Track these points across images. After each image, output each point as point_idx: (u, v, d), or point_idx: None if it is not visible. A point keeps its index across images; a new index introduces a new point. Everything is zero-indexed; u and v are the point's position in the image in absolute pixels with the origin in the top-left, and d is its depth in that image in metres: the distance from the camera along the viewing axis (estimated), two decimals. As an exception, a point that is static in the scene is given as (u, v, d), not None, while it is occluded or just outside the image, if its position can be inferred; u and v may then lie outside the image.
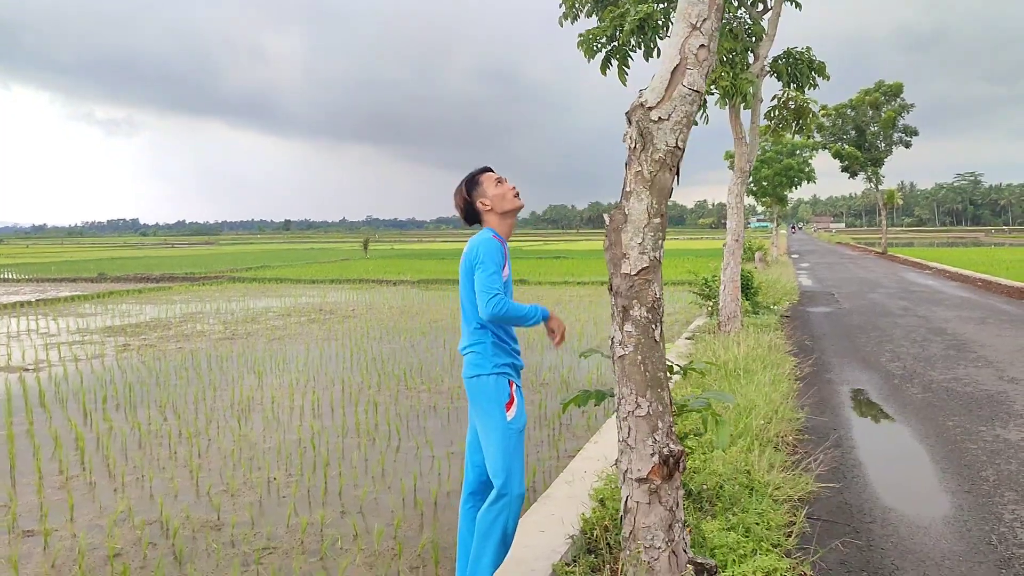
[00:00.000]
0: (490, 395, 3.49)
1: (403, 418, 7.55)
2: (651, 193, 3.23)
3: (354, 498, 5.38)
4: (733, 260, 11.27)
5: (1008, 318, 14.10)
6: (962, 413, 7.01)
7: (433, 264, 37.25)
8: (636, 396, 3.30)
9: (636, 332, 3.28)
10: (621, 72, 11.19)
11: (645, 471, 3.29)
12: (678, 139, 3.21)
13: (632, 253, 3.26)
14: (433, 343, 12.38)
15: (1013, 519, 4.50)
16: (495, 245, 3.46)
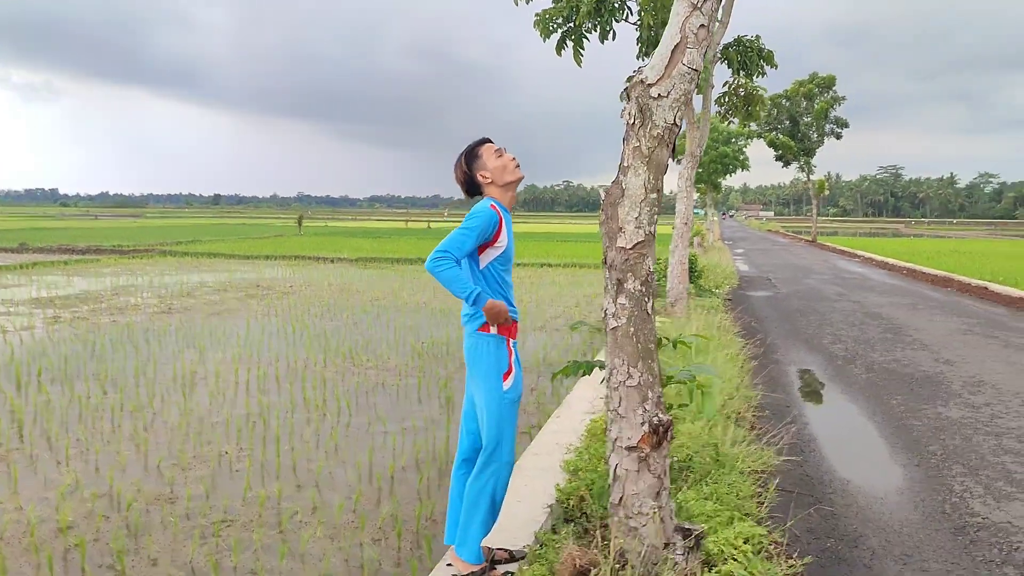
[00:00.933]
0: (490, 362, 3.53)
1: (352, 394, 7.50)
2: (648, 169, 3.30)
3: (309, 472, 5.35)
4: (681, 243, 11.49)
5: (936, 304, 14.73)
6: (904, 392, 7.33)
7: (370, 243, 36.88)
8: (628, 367, 3.38)
9: (630, 304, 3.36)
10: (576, 53, 11.25)
11: (635, 439, 3.38)
12: (676, 116, 3.28)
13: (628, 227, 3.32)
14: (376, 321, 12.26)
15: (963, 490, 4.75)
16: (487, 213, 3.50)
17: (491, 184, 3.65)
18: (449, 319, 12.62)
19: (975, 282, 18.42)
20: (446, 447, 5.88)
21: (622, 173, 3.36)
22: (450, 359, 9.36)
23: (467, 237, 3.45)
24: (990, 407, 6.77)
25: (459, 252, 3.43)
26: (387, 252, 29.16)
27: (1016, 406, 6.80)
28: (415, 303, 14.69)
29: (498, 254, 3.59)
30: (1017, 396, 7.16)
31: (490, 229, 3.51)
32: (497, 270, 3.62)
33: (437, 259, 3.39)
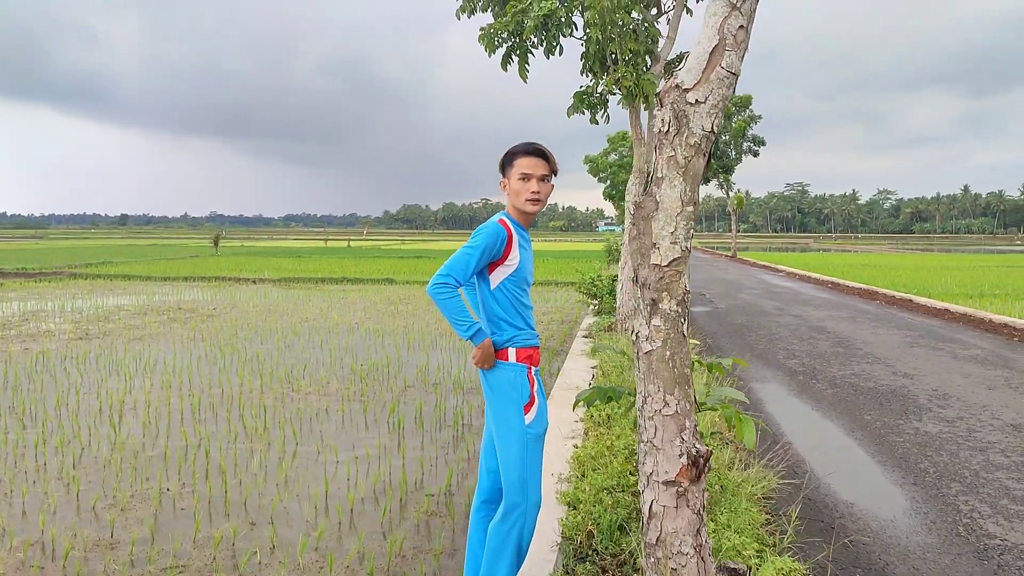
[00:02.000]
0: (507, 393, 3.22)
1: (296, 421, 7.12)
2: (684, 179, 3.05)
3: (262, 508, 4.97)
4: (631, 260, 11.33)
5: (873, 317, 15.01)
6: (875, 408, 7.28)
7: (291, 262, 36.15)
8: (664, 394, 3.11)
9: (665, 326, 3.10)
10: (522, 68, 11.06)
11: (673, 473, 3.11)
12: (714, 123, 3.04)
13: (663, 243, 3.07)
14: (310, 343, 11.80)
15: (970, 510, 4.64)
16: (494, 229, 3.22)
17: (508, 197, 3.38)
18: (385, 340, 12.24)
19: (899, 295, 18.92)
20: (403, 476, 5.57)
21: (655, 185, 3.10)
22: (393, 381, 8.99)
23: (471, 257, 3.16)
24: (964, 421, 6.77)
25: (462, 275, 3.14)
26: (310, 272, 28.57)
27: (988, 419, 6.81)
28: (347, 323, 14.26)
29: (510, 272, 3.28)
30: (985, 409, 7.19)
31: (497, 246, 3.21)
32: (511, 291, 3.31)
33: (438, 285, 3.11)
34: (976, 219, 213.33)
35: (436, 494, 5.21)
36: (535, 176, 3.31)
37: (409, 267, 32.43)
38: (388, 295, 20.19)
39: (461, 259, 3.14)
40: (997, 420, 6.77)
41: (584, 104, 11.13)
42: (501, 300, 3.29)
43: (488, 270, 3.26)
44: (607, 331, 11.58)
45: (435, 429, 6.93)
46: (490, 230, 3.21)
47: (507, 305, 3.28)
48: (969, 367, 9.34)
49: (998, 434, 6.32)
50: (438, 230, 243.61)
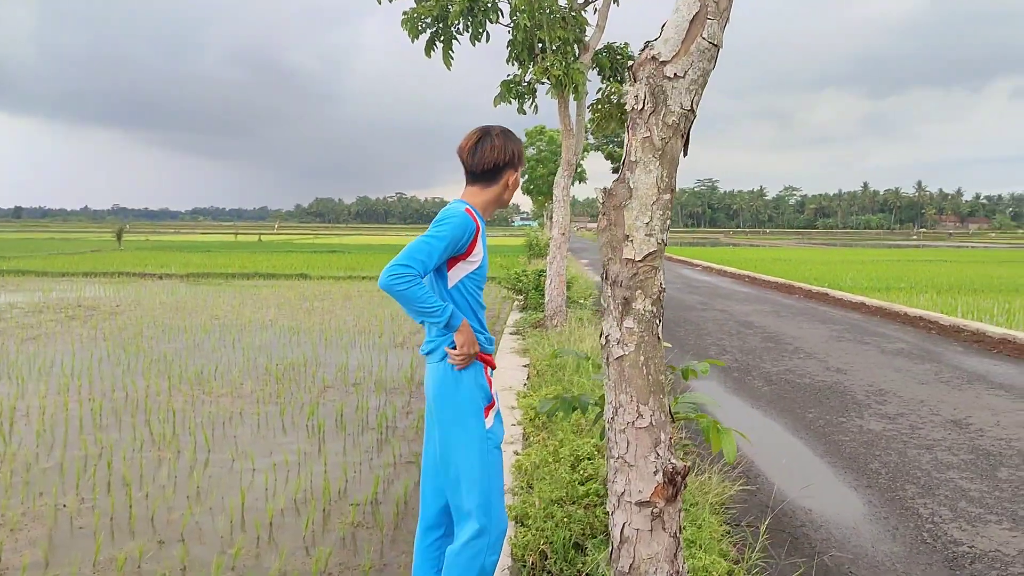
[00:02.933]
0: (465, 396, 2.84)
1: (207, 426, 6.66)
2: (662, 163, 2.72)
3: (171, 523, 4.54)
4: (560, 254, 11.08)
5: (796, 311, 15.13)
6: (815, 405, 7.16)
7: (199, 257, 34.81)
8: (637, 404, 2.77)
9: (639, 328, 2.76)
10: (446, 55, 10.67)
11: (647, 492, 2.78)
12: (693, 101, 2.72)
13: (637, 235, 2.73)
14: (221, 342, 11.20)
15: (930, 514, 4.47)
16: (462, 218, 2.83)
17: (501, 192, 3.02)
18: (301, 337, 11.72)
19: (816, 288, 19.23)
20: (325, 484, 5.19)
21: (628, 169, 2.75)
22: (311, 382, 8.55)
23: (434, 247, 2.74)
24: (905, 418, 6.68)
25: (424, 265, 2.71)
26: (219, 267, 27.47)
27: (928, 415, 6.76)
28: (260, 320, 13.64)
29: (471, 270, 2.91)
30: (923, 404, 7.14)
31: (464, 239, 2.82)
32: (470, 291, 2.94)
33: (396, 275, 2.65)
34: (875, 215, 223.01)
35: (362, 503, 4.89)
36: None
37: (323, 262, 31.65)
38: (302, 291, 19.53)
39: (423, 248, 2.71)
40: (937, 416, 6.71)
41: (512, 93, 10.79)
42: (458, 301, 2.90)
43: (446, 265, 2.86)
44: (536, 328, 11.27)
45: (358, 432, 6.58)
46: (459, 219, 2.81)
47: (464, 307, 2.90)
48: (898, 361, 9.38)
49: (941, 431, 6.25)
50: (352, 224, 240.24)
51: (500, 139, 2.97)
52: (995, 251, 56.59)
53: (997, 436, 6.08)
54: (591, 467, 4.74)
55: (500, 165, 2.96)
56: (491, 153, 2.94)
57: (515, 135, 3.03)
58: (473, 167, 2.97)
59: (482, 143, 2.95)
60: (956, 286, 20.47)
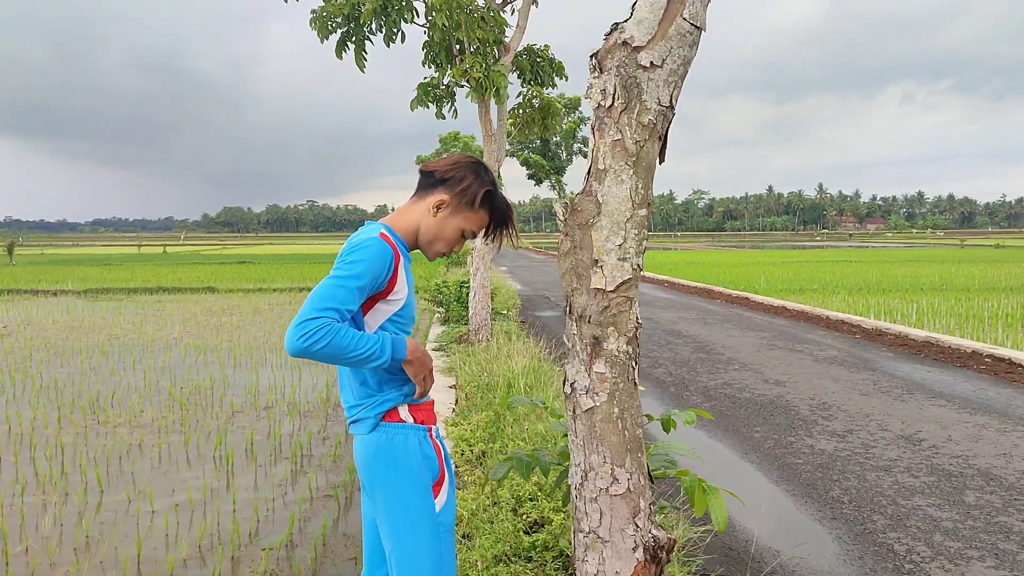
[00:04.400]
0: (408, 469, 2.27)
1: (101, 463, 6.06)
2: (636, 172, 2.22)
3: None
4: (483, 265, 10.54)
5: (721, 317, 14.92)
6: (760, 423, 6.79)
7: (99, 271, 33.16)
8: (611, 466, 2.27)
9: (612, 374, 2.26)
10: (359, 57, 10.06)
11: (627, 574, 2.27)
12: (672, 95, 2.23)
13: (608, 259, 2.22)
14: (120, 364, 10.38)
15: (907, 551, 4.09)
16: (377, 246, 2.21)
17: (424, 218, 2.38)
18: (208, 357, 10.99)
19: (736, 292, 19.21)
20: (234, 526, 4.70)
21: (596, 180, 2.25)
22: (218, 407, 7.92)
23: (349, 286, 2.12)
24: (855, 435, 6.35)
25: (339, 311, 2.09)
26: (121, 281, 26.14)
27: (877, 431, 6.45)
28: (164, 339, 12.80)
29: (396, 310, 2.31)
30: (870, 419, 6.85)
31: (383, 273, 2.21)
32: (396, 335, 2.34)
33: (308, 333, 2.01)
34: (779, 217, 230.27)
35: (275, 547, 4.40)
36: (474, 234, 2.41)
37: (232, 273, 30.50)
38: (209, 305, 18.58)
39: (334, 291, 2.09)
40: (887, 432, 6.41)
41: (429, 97, 10.22)
42: None
43: (361, 309, 2.27)
44: (460, 343, 10.71)
45: (270, 463, 6.07)
46: (373, 248, 2.19)
47: None
48: (835, 371, 9.15)
49: (895, 449, 5.94)
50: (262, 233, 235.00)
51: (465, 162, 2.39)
52: (893, 251, 58.71)
53: (953, 453, 5.81)
54: (535, 510, 4.23)
55: (437, 176, 2.37)
56: (445, 164, 2.38)
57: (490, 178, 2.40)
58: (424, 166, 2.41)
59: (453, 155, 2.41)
60: (864, 286, 20.82)
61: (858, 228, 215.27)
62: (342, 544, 4.47)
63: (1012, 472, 5.38)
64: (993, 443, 6.09)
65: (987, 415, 6.97)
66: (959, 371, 9.08)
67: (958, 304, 15.78)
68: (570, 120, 41.49)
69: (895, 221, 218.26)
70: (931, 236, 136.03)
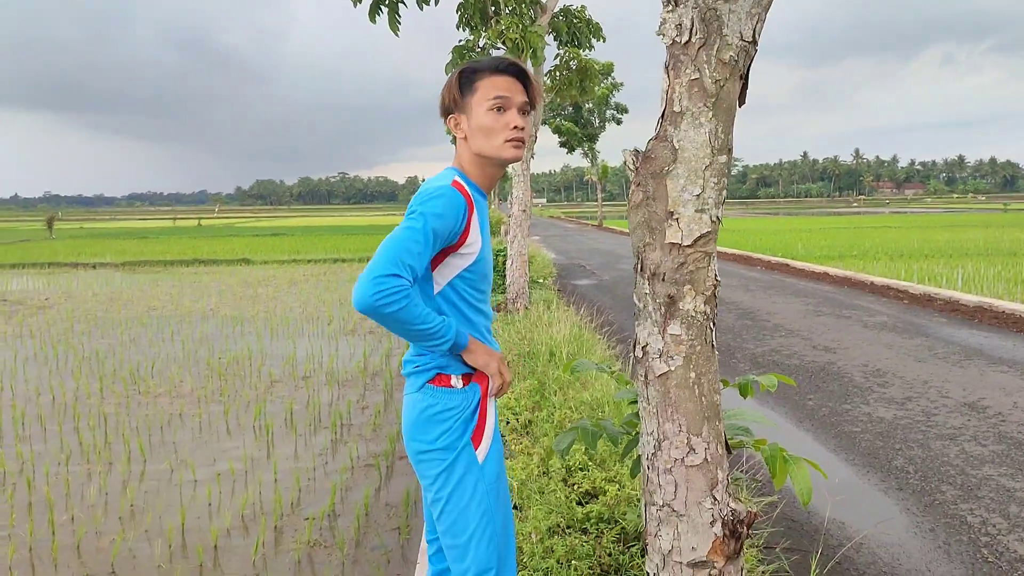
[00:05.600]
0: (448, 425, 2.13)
1: (143, 432, 6.08)
2: (716, 114, 2.02)
3: (100, 552, 3.98)
4: (520, 232, 10.37)
5: (763, 284, 14.64)
6: (813, 390, 6.58)
7: (136, 244, 33.57)
8: (688, 435, 2.10)
9: (688, 336, 2.07)
10: (392, 19, 9.83)
11: (703, 550, 2.11)
12: (755, 29, 2.02)
13: (685, 211, 2.03)
14: (159, 336, 10.47)
15: (982, 523, 3.89)
16: (449, 195, 2.04)
17: (465, 143, 2.18)
18: (245, 327, 11.04)
19: (774, 259, 18.86)
20: (276, 496, 4.70)
21: (671, 123, 2.05)
22: (256, 377, 7.92)
23: (424, 238, 1.96)
24: (914, 402, 6.12)
25: (414, 271, 1.93)
26: (157, 254, 26.46)
27: (938, 398, 6.21)
28: (201, 310, 12.90)
29: (468, 264, 2.14)
30: (929, 386, 6.61)
31: (457, 223, 2.04)
32: (468, 293, 2.17)
33: (384, 291, 1.86)
34: (815, 183, 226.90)
35: (318, 517, 4.38)
36: (515, 104, 2.15)
37: (266, 245, 30.70)
38: (244, 277, 18.69)
39: (410, 243, 1.93)
40: (948, 399, 6.17)
41: (465, 60, 9.99)
42: (451, 311, 2.15)
43: (430, 263, 2.10)
44: (498, 311, 10.58)
45: (309, 432, 6.06)
46: (447, 196, 2.03)
47: (460, 319, 2.15)
48: (886, 336, 8.87)
49: (958, 416, 5.70)
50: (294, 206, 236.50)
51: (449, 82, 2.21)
52: (934, 216, 57.51)
53: (1021, 420, 5.56)
54: (587, 480, 4.08)
55: (442, 116, 2.23)
56: (445, 95, 2.22)
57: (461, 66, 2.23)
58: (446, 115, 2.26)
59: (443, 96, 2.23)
60: (906, 252, 20.35)
61: (896, 194, 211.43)
62: (384, 514, 4.42)
63: (1085, 440, 5.14)
64: (1061, 410, 5.84)
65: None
66: (1018, 336, 8.77)
67: (1005, 269, 15.32)
68: (603, 86, 40.85)
69: (934, 186, 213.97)
70: (972, 200, 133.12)
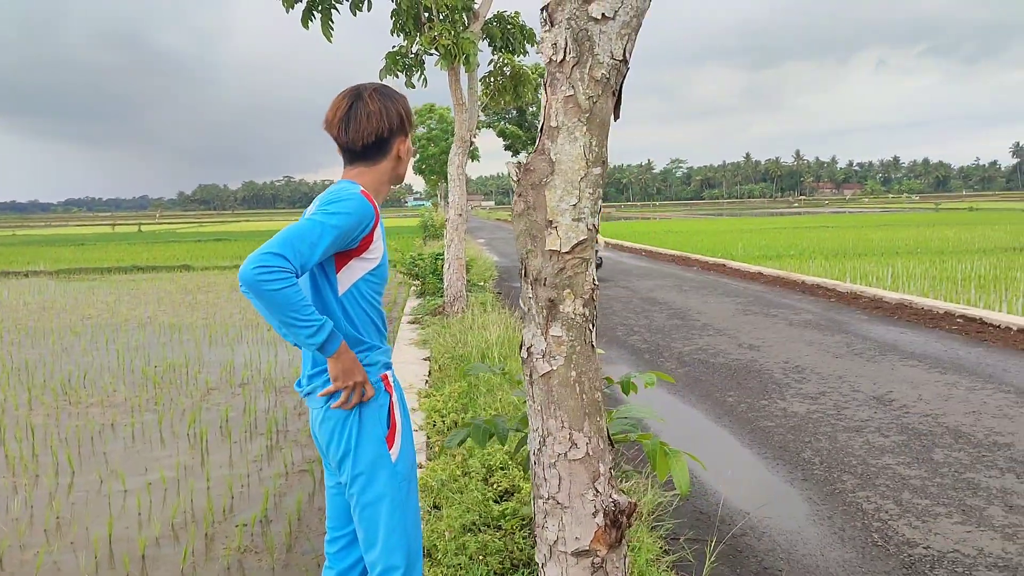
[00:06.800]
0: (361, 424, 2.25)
1: (72, 443, 6.01)
2: (589, 129, 2.16)
3: (24, 564, 3.94)
4: (457, 236, 10.47)
5: (697, 284, 14.97)
6: (734, 387, 6.81)
7: (71, 251, 32.79)
8: (570, 431, 2.22)
9: (569, 337, 2.21)
10: (325, 26, 9.86)
11: (586, 539, 2.24)
12: (626, 48, 2.17)
13: (563, 220, 2.16)
14: (93, 344, 10.30)
15: (875, 509, 4.11)
16: (358, 202, 2.20)
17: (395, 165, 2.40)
18: (183, 335, 10.91)
19: (712, 260, 19.26)
20: (208, 503, 4.68)
21: (548, 138, 2.19)
22: (193, 384, 7.86)
23: (324, 234, 2.08)
24: (827, 396, 6.39)
25: (304, 260, 2.04)
26: (94, 261, 25.91)
27: (850, 392, 6.49)
28: (138, 318, 12.70)
29: (371, 268, 2.28)
30: (842, 381, 6.89)
31: (361, 228, 2.19)
32: (369, 296, 2.31)
33: (267, 268, 1.96)
34: (757, 184, 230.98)
35: (250, 523, 4.37)
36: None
37: (208, 251, 30.27)
38: (184, 283, 18.44)
39: (308, 234, 2.05)
40: (859, 393, 6.45)
41: (398, 66, 10.07)
42: (354, 311, 2.28)
43: (335, 262, 2.22)
44: (435, 315, 10.66)
45: (245, 439, 6.04)
46: (356, 202, 2.17)
47: (362, 319, 2.29)
48: (809, 334, 9.19)
49: (866, 409, 5.97)
50: (239, 211, 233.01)
51: (378, 101, 2.31)
52: (870, 215, 59.08)
53: (923, 412, 5.85)
54: (505, 479, 4.21)
55: (385, 135, 2.32)
56: (370, 122, 2.30)
57: (394, 91, 2.38)
58: (351, 144, 2.32)
59: (355, 111, 2.29)
60: (841, 251, 20.94)
61: (835, 194, 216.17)
62: (317, 518, 4.45)
63: (980, 429, 5.43)
64: (963, 401, 6.14)
65: (957, 374, 7.03)
66: (931, 332, 9.15)
67: (932, 267, 15.89)
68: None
69: (871, 186, 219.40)
70: (907, 200, 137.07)
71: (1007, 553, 3.58)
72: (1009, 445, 5.07)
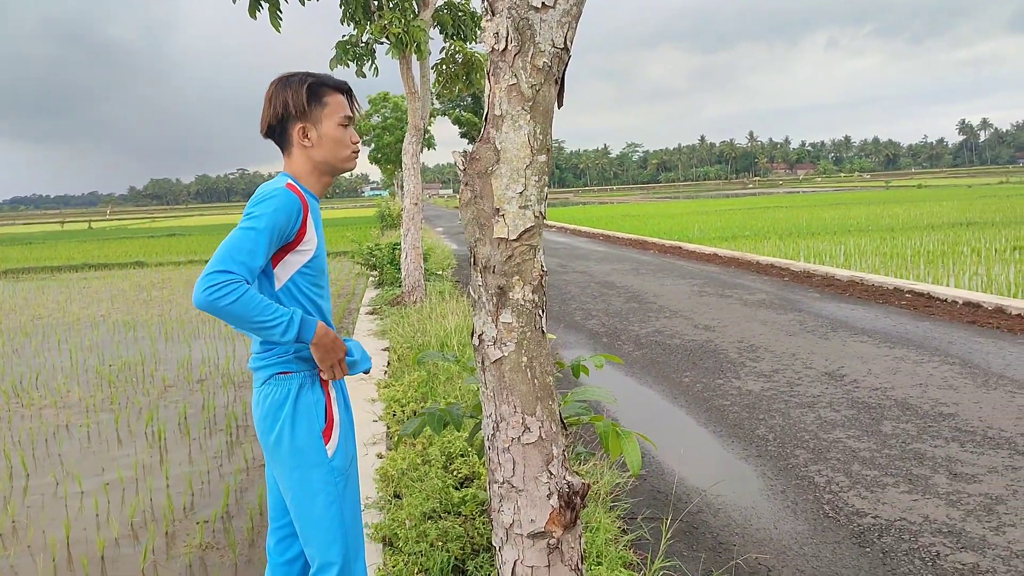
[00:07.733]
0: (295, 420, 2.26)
1: (25, 446, 5.94)
2: (533, 117, 2.19)
3: None
4: (414, 225, 10.44)
5: (654, 267, 15.11)
6: (690, 368, 6.92)
7: (19, 250, 32.07)
8: (522, 415, 2.26)
9: (519, 323, 2.24)
10: (273, 16, 9.74)
11: (541, 521, 2.28)
12: (567, 36, 2.20)
13: (509, 208, 2.19)
14: (45, 344, 10.14)
15: (826, 482, 4.22)
16: (284, 197, 2.21)
17: (306, 151, 2.34)
18: (138, 332, 10.78)
19: (669, 242, 19.44)
20: (168, 502, 4.65)
21: (493, 126, 2.21)
22: (149, 382, 7.78)
23: (258, 238, 2.11)
24: (780, 374, 6.52)
25: (249, 267, 2.08)
26: (43, 260, 25.38)
27: (802, 369, 6.63)
28: (91, 317, 12.51)
29: (304, 262, 2.29)
30: (795, 358, 7.03)
31: (290, 223, 2.20)
32: (306, 289, 2.32)
33: (215, 285, 2.00)
34: (712, 166, 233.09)
35: (211, 520, 4.36)
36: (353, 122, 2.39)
37: (162, 247, 29.81)
38: (138, 280, 18.16)
39: (242, 243, 2.09)
40: (811, 369, 6.60)
41: (349, 55, 9.99)
42: (292, 305, 2.29)
43: (271, 261, 2.24)
44: (394, 305, 10.64)
45: (204, 436, 6.01)
46: (278, 198, 2.19)
47: (302, 311, 2.29)
48: (763, 313, 9.35)
49: (818, 385, 6.12)
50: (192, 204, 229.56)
51: (271, 89, 2.33)
52: (823, 195, 59.99)
53: (872, 386, 6.01)
54: (465, 466, 4.25)
55: (274, 123, 2.33)
56: (265, 110, 2.33)
57: (298, 76, 2.34)
58: (265, 133, 2.38)
59: (273, 100, 2.33)
60: (795, 231, 21.26)
61: (789, 174, 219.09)
62: (279, 513, 4.43)
63: (927, 401, 5.59)
64: (910, 374, 6.31)
65: (905, 348, 7.21)
66: (881, 307, 9.37)
67: (883, 244, 16.22)
68: (500, 76, 41.09)
69: (824, 166, 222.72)
70: (858, 179, 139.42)
71: (951, 519, 3.71)
72: (953, 415, 5.24)
